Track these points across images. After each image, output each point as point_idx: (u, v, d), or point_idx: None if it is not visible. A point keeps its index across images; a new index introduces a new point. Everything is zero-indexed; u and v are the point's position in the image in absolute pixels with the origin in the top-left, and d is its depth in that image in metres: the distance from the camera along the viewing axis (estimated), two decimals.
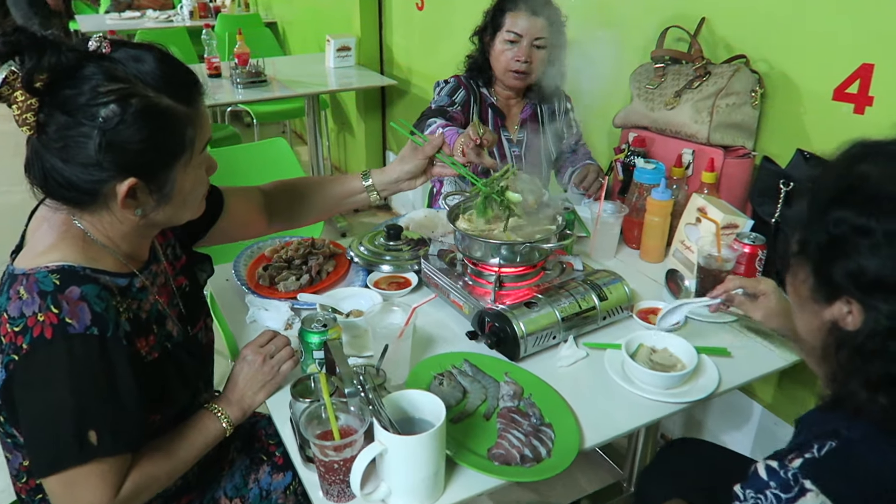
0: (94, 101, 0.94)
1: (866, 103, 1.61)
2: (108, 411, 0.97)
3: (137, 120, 0.95)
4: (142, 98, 0.96)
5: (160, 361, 1.11)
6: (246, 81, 3.46)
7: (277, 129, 5.61)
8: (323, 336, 1.20)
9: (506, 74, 1.97)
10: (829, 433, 0.84)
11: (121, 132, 0.95)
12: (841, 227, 0.79)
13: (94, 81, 0.94)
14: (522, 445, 1.10)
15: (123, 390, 0.99)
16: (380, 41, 4.03)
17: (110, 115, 0.94)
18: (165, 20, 5.57)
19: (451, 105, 2.00)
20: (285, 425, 1.18)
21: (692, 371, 1.26)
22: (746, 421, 2.13)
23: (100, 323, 0.97)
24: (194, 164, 1.07)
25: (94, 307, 0.97)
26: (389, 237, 1.69)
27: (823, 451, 0.82)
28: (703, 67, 1.83)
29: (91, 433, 0.95)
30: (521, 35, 1.91)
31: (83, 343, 0.95)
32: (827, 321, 0.86)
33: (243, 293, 1.54)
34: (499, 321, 1.33)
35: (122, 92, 0.95)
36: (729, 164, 1.76)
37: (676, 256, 1.73)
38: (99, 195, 1.00)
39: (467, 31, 2.09)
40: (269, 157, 2.36)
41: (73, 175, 0.97)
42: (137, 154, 0.98)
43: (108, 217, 1.04)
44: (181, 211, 1.11)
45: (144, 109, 0.96)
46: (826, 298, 0.84)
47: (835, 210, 0.80)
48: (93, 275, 1.01)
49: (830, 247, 0.81)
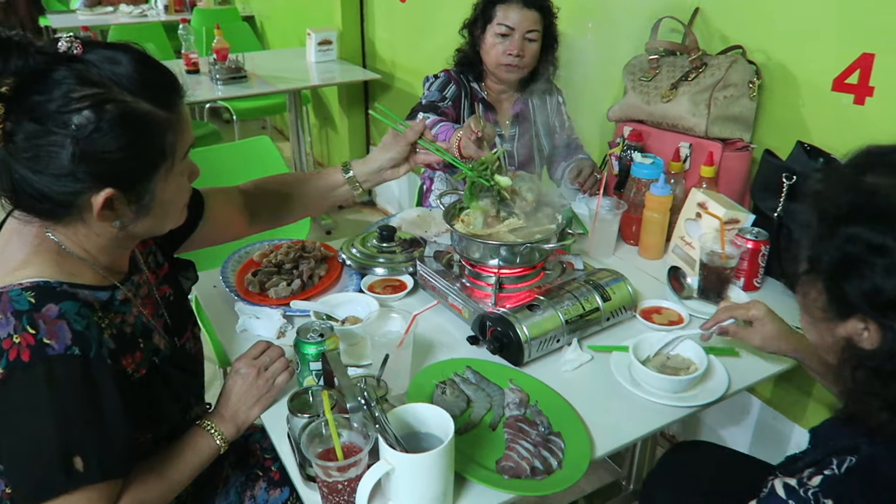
0: (65, 107, 0.87)
1: (867, 94, 1.58)
2: (94, 436, 0.91)
3: (114, 127, 0.89)
4: (118, 103, 0.89)
5: (148, 378, 1.05)
6: (225, 77, 3.37)
7: (257, 126, 5.51)
8: (320, 347, 1.15)
9: (498, 68, 1.93)
10: (848, 448, 0.81)
11: (96, 141, 0.88)
12: (854, 246, 0.75)
13: (65, 86, 0.87)
14: (532, 457, 1.05)
15: (110, 412, 0.93)
16: (362, 35, 3.95)
17: (84, 122, 0.87)
18: (139, 15, 5.43)
19: (441, 101, 1.94)
20: (282, 440, 1.13)
21: (702, 374, 1.23)
22: (745, 416, 2.11)
23: (81, 342, 0.91)
24: (176, 172, 1.00)
25: (73, 325, 0.91)
26: (382, 238, 1.63)
27: (843, 469, 0.79)
28: (699, 59, 1.79)
29: (77, 459, 0.89)
30: (513, 28, 1.87)
31: (64, 365, 0.89)
32: (841, 338, 0.82)
33: (232, 300, 1.47)
34: (501, 325, 1.28)
35: (96, 97, 0.88)
36: (727, 157, 1.73)
37: (676, 253, 1.70)
38: (73, 207, 0.93)
39: (452, 24, 2.04)
40: (252, 156, 2.29)
41: (45, 186, 0.90)
42: (114, 164, 0.91)
43: (84, 229, 0.97)
44: (162, 221, 1.04)
45: (121, 116, 0.89)
46: (840, 316, 0.80)
47: (846, 226, 0.76)
48: (71, 290, 0.95)
49: (843, 265, 0.77)
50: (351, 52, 3.92)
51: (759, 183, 1.60)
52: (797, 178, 1.48)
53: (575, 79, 2.41)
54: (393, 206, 4.09)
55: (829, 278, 0.79)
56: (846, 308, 0.79)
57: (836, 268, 0.77)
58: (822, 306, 0.82)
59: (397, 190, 3.99)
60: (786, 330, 1.24)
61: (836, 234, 0.76)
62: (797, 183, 1.48)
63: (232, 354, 1.35)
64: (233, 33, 4.27)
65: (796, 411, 1.95)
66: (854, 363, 0.81)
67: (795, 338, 1.23)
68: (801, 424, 1.94)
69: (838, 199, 0.78)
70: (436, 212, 1.85)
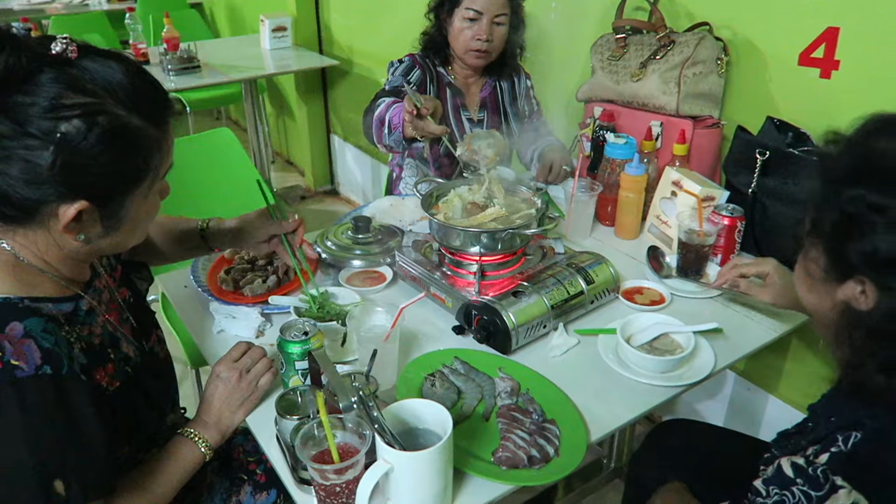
0: (53, 113, 0.81)
1: (832, 67, 1.60)
2: (73, 457, 0.86)
3: (103, 140, 0.83)
4: (110, 116, 0.84)
5: (123, 390, 1.00)
6: (178, 68, 3.25)
7: (211, 117, 5.36)
8: (305, 345, 1.11)
9: (467, 54, 1.88)
10: (852, 423, 0.81)
11: (81, 151, 0.82)
12: (856, 205, 0.76)
13: (53, 90, 0.81)
14: (528, 445, 1.04)
15: (88, 431, 0.88)
16: (317, 20, 3.85)
17: (72, 131, 0.82)
18: (80, 4, 5.20)
19: (405, 85, 1.90)
20: (270, 443, 1.09)
21: (690, 353, 1.23)
22: (720, 389, 2.14)
23: (52, 360, 0.85)
24: (154, 190, 0.96)
25: (42, 343, 0.85)
26: (358, 230, 1.60)
27: (850, 445, 0.80)
28: (666, 37, 1.79)
29: (57, 483, 0.84)
30: (482, 12, 1.82)
31: (35, 386, 0.84)
32: (839, 301, 0.83)
33: (206, 301, 1.42)
34: (487, 313, 1.27)
35: (88, 107, 0.83)
36: (699, 134, 1.73)
37: (652, 232, 1.71)
38: (36, 214, 0.87)
39: (411, 7, 1.99)
40: (213, 149, 2.22)
41: (10, 188, 0.84)
42: (95, 177, 0.86)
43: (44, 238, 0.91)
44: (128, 238, 0.98)
45: (112, 129, 0.84)
46: (838, 278, 0.81)
47: (850, 187, 0.77)
48: (33, 305, 0.89)
49: (844, 225, 0.78)
50: (307, 39, 3.83)
51: (731, 159, 1.61)
52: (770, 154, 1.49)
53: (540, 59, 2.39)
54: (356, 194, 4.03)
55: (831, 238, 0.80)
56: (845, 269, 0.79)
57: (837, 228, 0.78)
58: (822, 267, 0.82)
59: (360, 177, 3.93)
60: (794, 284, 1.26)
61: (840, 194, 0.77)
62: (770, 158, 1.49)
63: (209, 357, 1.30)
64: (181, 21, 4.12)
65: (770, 382, 1.99)
66: (851, 325, 0.82)
67: None
68: (775, 395, 1.98)
69: (843, 161, 0.79)
70: (409, 200, 1.81)
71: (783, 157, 1.49)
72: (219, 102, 4.59)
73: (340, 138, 4.04)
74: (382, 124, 1.72)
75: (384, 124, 1.72)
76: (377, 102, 1.81)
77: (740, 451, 1.38)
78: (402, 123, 1.64)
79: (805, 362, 1.87)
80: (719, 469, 1.27)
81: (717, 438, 1.46)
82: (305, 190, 4.25)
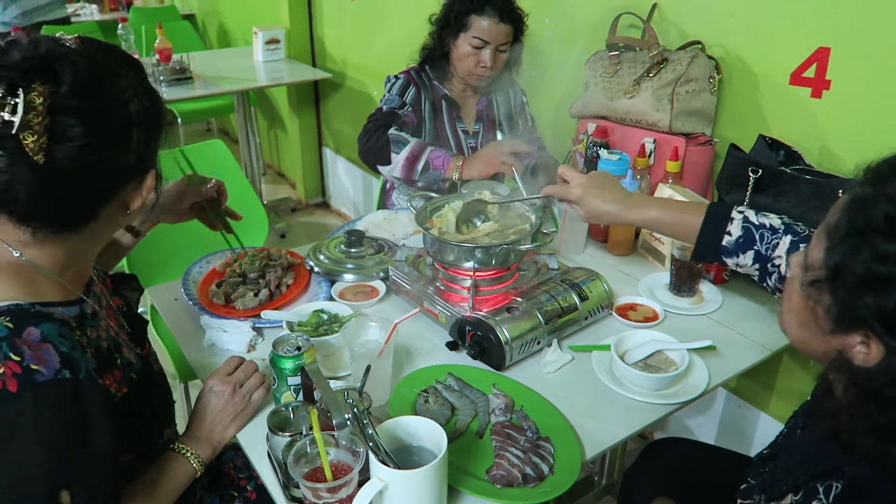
0: (121, 95, 0.89)
1: (823, 87, 1.61)
2: (81, 466, 0.85)
3: (156, 110, 0.95)
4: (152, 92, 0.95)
5: (130, 396, 0.99)
6: (170, 79, 3.24)
7: (201, 128, 5.35)
8: (298, 360, 1.10)
9: (469, 76, 1.92)
10: (830, 472, 0.79)
11: (149, 124, 0.93)
12: (888, 266, 0.69)
13: (127, 79, 0.91)
14: (523, 463, 1.03)
15: (98, 438, 0.87)
16: (311, 33, 3.86)
17: (138, 108, 0.91)
18: (72, 14, 5.18)
19: (401, 107, 1.92)
20: (262, 460, 1.08)
21: (684, 371, 1.23)
22: (711, 406, 2.14)
23: (70, 364, 0.85)
24: None
25: (59, 347, 0.85)
26: (351, 244, 1.59)
27: (832, 497, 0.77)
28: (659, 54, 1.80)
29: (64, 494, 0.82)
30: (488, 42, 1.85)
31: (55, 389, 0.83)
32: (834, 348, 0.77)
33: (196, 314, 1.41)
34: (481, 329, 1.26)
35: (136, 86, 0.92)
36: (691, 151, 1.74)
37: (644, 248, 1.71)
38: (103, 206, 0.93)
39: (404, 21, 2.00)
40: (206, 160, 2.20)
41: (103, 182, 0.91)
42: (156, 149, 0.97)
43: (88, 234, 0.95)
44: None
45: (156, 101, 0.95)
46: (844, 328, 0.75)
47: (884, 242, 0.69)
48: (45, 310, 0.88)
49: (869, 280, 0.70)
50: (300, 51, 3.83)
51: (724, 176, 1.61)
52: (763, 171, 1.50)
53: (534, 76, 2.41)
54: (347, 207, 4.02)
55: (849, 290, 0.73)
56: (853, 322, 0.73)
57: (860, 281, 0.71)
58: (831, 313, 0.76)
59: (352, 190, 3.93)
60: (611, 203, 1.28)
61: (871, 247, 0.70)
62: (763, 176, 1.50)
63: (200, 371, 1.28)
64: (173, 32, 4.11)
65: (761, 399, 1.99)
66: (847, 380, 0.77)
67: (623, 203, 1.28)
68: (767, 412, 1.98)
69: (880, 209, 0.71)
70: (402, 213, 1.81)
71: (775, 175, 1.49)
72: (210, 114, 4.58)
73: (332, 151, 4.03)
74: (415, 161, 1.79)
75: (416, 161, 1.79)
76: (378, 129, 1.85)
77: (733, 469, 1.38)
78: (445, 167, 1.78)
79: (796, 379, 1.88)
80: (712, 487, 1.27)
81: (710, 457, 1.46)
82: (297, 202, 4.24)
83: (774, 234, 1.18)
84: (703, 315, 1.46)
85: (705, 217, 1.22)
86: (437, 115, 1.99)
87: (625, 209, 1.27)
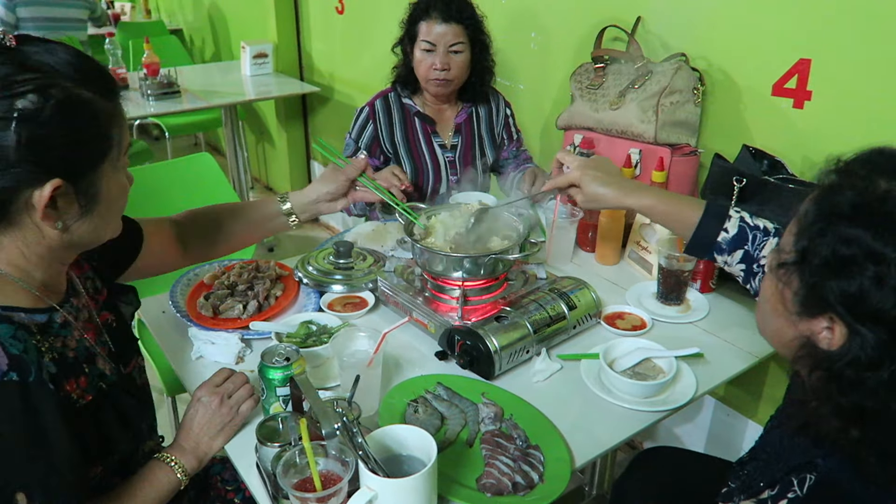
0: (6, 91, 0.81)
1: (805, 98, 1.64)
2: (37, 468, 0.84)
3: (60, 111, 0.84)
4: (62, 88, 0.85)
5: (95, 404, 0.97)
6: (157, 93, 3.25)
7: (189, 142, 5.34)
8: (287, 371, 1.10)
9: (428, 83, 1.94)
10: (804, 465, 0.80)
11: (42, 125, 0.83)
12: (851, 248, 0.71)
13: (2, 72, 0.82)
14: (512, 472, 1.03)
15: (54, 442, 0.86)
16: (298, 47, 3.88)
17: (29, 106, 0.82)
18: None
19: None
20: (250, 471, 1.07)
21: (672, 378, 1.23)
22: (699, 414, 2.15)
23: (19, 367, 0.84)
24: (119, 167, 0.95)
25: (9, 349, 0.84)
26: (339, 255, 1.59)
27: (805, 489, 0.78)
28: (644, 66, 1.83)
29: (20, 496, 0.81)
30: (435, 43, 1.87)
31: (1, 392, 0.82)
32: (801, 334, 0.80)
33: (184, 326, 1.40)
34: (470, 339, 1.26)
35: (39, 81, 0.83)
36: (676, 162, 1.76)
37: (632, 257, 1.72)
38: (11, 206, 0.86)
39: (391, 35, 2.02)
40: (193, 174, 2.20)
41: None
42: (62, 150, 0.86)
43: (20, 237, 0.90)
44: (103, 225, 0.97)
45: (67, 99, 0.85)
46: (809, 312, 0.77)
47: (848, 226, 0.72)
48: (4, 313, 0.88)
49: (833, 263, 0.73)
50: (287, 65, 3.85)
51: (709, 186, 1.63)
52: (747, 181, 1.52)
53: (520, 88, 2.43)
54: (336, 220, 4.02)
55: (815, 273, 0.75)
56: (819, 306, 0.76)
57: (826, 265, 0.74)
58: (798, 297, 0.78)
59: None
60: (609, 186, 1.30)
61: (836, 231, 0.73)
62: (747, 185, 1.52)
63: (188, 383, 1.28)
64: (160, 47, 4.12)
65: (749, 407, 2.00)
66: (811, 364, 0.79)
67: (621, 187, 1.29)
68: (755, 420, 1.99)
69: (845, 195, 0.74)
70: (390, 225, 1.81)
71: (759, 184, 1.51)
72: (198, 128, 4.58)
73: (321, 164, 4.04)
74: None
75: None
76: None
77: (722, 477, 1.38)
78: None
79: (783, 388, 1.87)
80: (702, 495, 1.27)
81: (700, 465, 1.46)
82: None
83: (765, 235, 1.20)
84: (690, 323, 1.47)
85: (704, 212, 1.24)
86: (411, 133, 2.01)
87: (623, 194, 1.29)
